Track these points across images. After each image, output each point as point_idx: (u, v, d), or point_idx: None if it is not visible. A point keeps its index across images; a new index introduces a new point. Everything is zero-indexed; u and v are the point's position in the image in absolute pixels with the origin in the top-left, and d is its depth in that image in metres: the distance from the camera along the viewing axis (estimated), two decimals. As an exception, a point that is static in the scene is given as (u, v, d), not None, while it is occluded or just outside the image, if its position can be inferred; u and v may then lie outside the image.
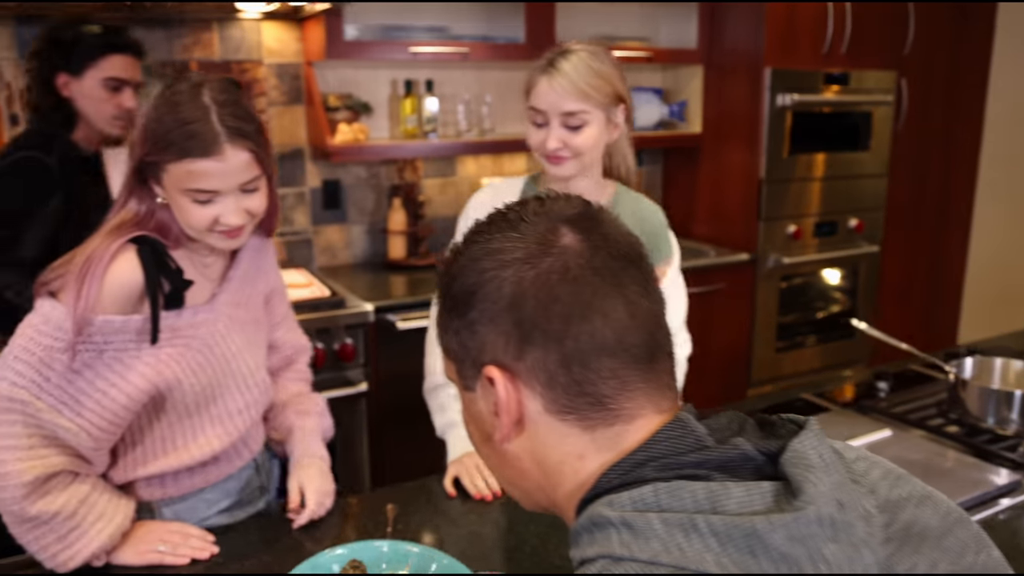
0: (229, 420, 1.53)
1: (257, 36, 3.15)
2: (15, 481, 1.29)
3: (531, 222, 0.77)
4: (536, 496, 0.82)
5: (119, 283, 1.34)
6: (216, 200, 1.35)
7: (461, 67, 3.51)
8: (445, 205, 3.64)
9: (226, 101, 1.34)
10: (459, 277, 0.78)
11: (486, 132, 3.53)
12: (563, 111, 1.61)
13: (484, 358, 0.76)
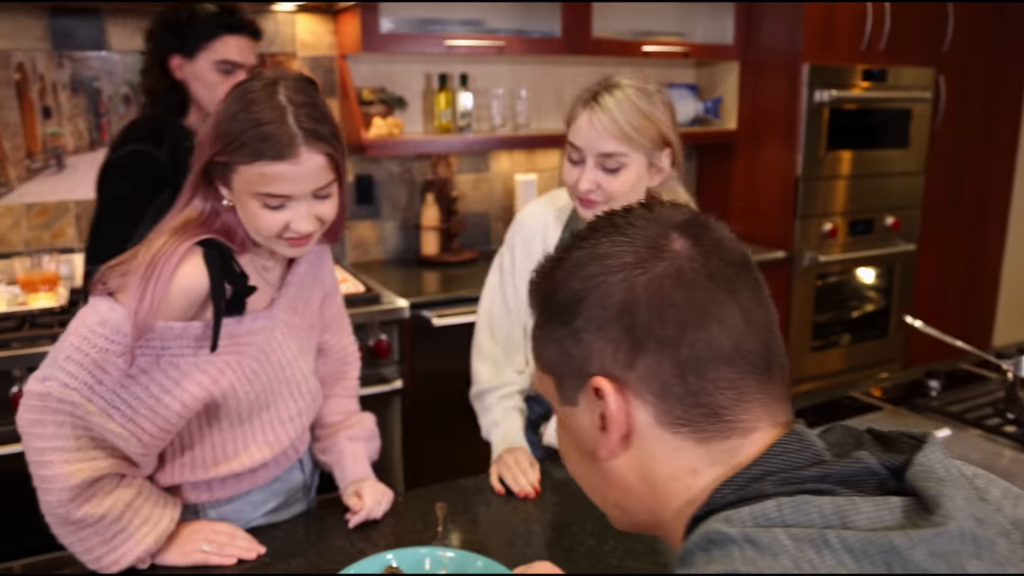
0: (281, 427, 1.48)
1: (291, 29, 3.12)
2: (62, 484, 1.25)
3: (640, 227, 0.73)
4: (639, 516, 0.78)
5: (184, 288, 1.27)
6: (287, 205, 1.28)
7: (496, 61, 3.48)
8: (478, 201, 3.61)
9: (303, 101, 1.26)
10: (562, 285, 0.74)
11: (520, 127, 3.49)
12: (600, 151, 1.50)
13: (591, 368, 0.72)
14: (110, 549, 1.30)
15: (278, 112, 1.23)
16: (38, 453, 1.26)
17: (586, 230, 0.77)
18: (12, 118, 2.82)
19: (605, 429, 0.73)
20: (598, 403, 0.72)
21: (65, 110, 2.88)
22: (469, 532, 1.46)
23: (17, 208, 2.87)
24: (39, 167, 2.88)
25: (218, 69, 2.09)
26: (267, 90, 1.25)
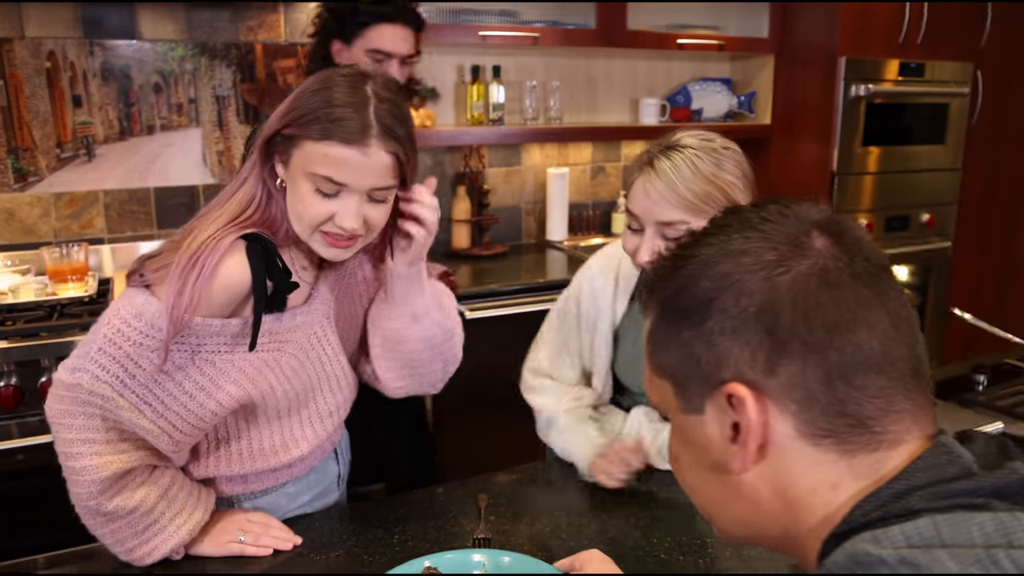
0: (319, 423, 1.44)
1: (322, 19, 3.09)
2: (92, 476, 1.21)
3: (777, 223, 0.68)
4: (767, 530, 0.71)
5: (226, 284, 1.21)
6: (339, 196, 1.21)
7: (528, 54, 3.44)
8: (510, 195, 3.57)
9: (388, 98, 1.22)
10: (691, 284, 0.68)
11: (553, 120, 3.45)
12: (659, 220, 1.37)
13: (724, 374, 0.66)
14: (142, 541, 1.27)
15: (361, 99, 1.19)
16: (67, 444, 1.22)
17: (712, 226, 0.71)
18: (42, 107, 2.80)
19: (736, 441, 0.67)
20: (730, 412, 0.67)
21: (95, 99, 2.86)
22: (511, 524, 1.42)
23: (46, 198, 2.85)
24: (69, 156, 2.86)
25: (370, 57, 2.06)
26: (356, 79, 1.22)
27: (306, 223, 1.24)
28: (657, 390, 0.74)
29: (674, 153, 1.36)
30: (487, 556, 1.27)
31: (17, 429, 2.25)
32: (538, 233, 3.66)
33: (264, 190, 1.26)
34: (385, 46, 2.05)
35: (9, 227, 2.83)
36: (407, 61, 2.11)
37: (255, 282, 1.21)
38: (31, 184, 2.83)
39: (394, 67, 2.08)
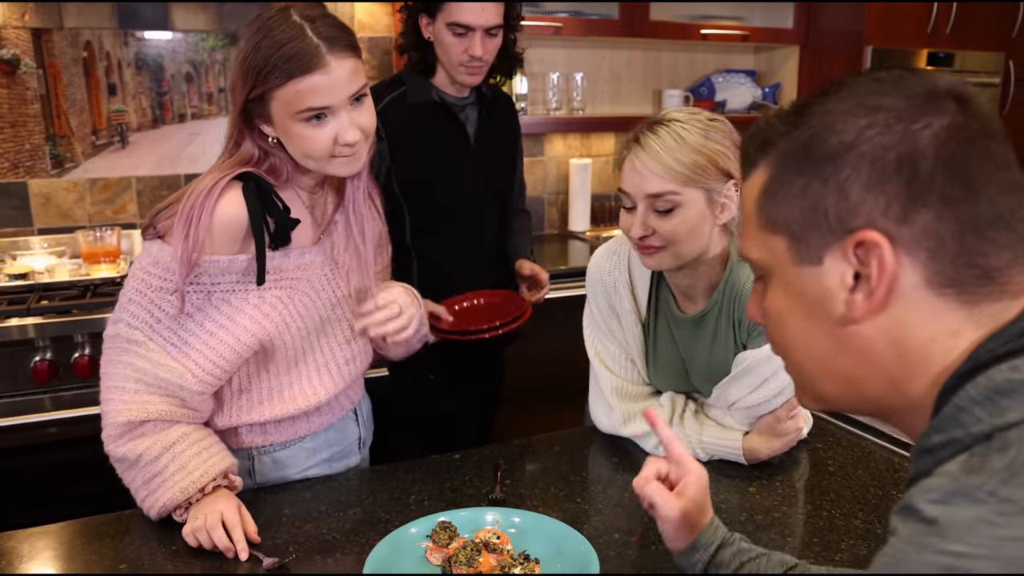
0: (336, 370, 1.48)
1: (350, 10, 3.14)
2: (111, 420, 1.31)
3: (909, 82, 0.68)
4: (870, 385, 0.72)
5: (225, 221, 1.29)
6: (329, 118, 1.29)
7: (552, 44, 3.47)
8: (532, 185, 3.59)
9: (317, 15, 1.29)
10: (822, 134, 0.68)
11: (575, 111, 3.48)
12: (647, 193, 1.38)
13: (855, 222, 0.67)
14: (149, 492, 1.31)
15: (296, 29, 1.25)
16: (105, 391, 1.32)
17: (840, 84, 0.71)
18: (79, 95, 2.88)
19: (856, 290, 0.68)
20: (854, 261, 0.68)
21: (130, 88, 2.93)
22: (527, 488, 1.44)
23: (82, 183, 2.93)
24: (103, 143, 2.94)
25: (451, 31, 1.98)
26: (281, 15, 1.27)
27: (317, 155, 1.31)
28: (764, 247, 0.74)
29: (659, 127, 1.38)
30: (499, 514, 1.29)
31: (51, 403, 2.32)
32: (560, 224, 3.68)
33: (256, 150, 1.34)
34: (466, 19, 1.96)
35: (47, 211, 2.91)
36: (493, 32, 2.00)
37: (252, 218, 1.29)
38: (67, 170, 2.91)
39: (477, 40, 1.97)
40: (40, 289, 2.49)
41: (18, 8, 2.76)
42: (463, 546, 1.17)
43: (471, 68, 2.01)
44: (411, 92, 2.08)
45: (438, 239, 2.16)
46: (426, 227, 2.15)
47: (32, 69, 2.82)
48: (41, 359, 2.32)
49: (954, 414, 0.63)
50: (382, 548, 1.19)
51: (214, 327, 1.32)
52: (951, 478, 0.58)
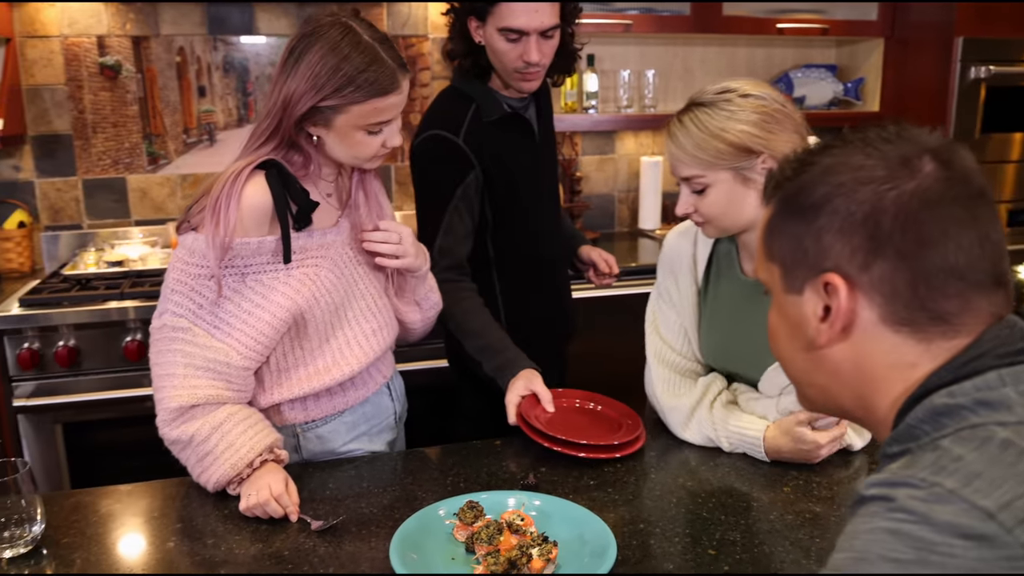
0: (365, 341, 1.59)
1: (423, 11, 3.25)
2: (164, 406, 1.43)
3: (894, 143, 0.78)
4: (842, 399, 0.85)
5: (251, 205, 1.41)
6: (384, 127, 1.48)
7: (623, 42, 3.49)
8: (603, 182, 3.64)
9: (381, 37, 1.45)
10: (810, 186, 0.80)
11: (647, 108, 3.49)
12: (681, 176, 1.51)
13: (826, 264, 0.79)
14: (202, 470, 1.43)
15: (373, 53, 1.42)
16: (156, 380, 1.46)
17: (840, 140, 0.82)
18: (172, 97, 3.08)
19: (826, 320, 0.80)
20: (824, 296, 0.80)
21: (218, 89, 3.12)
22: (560, 475, 1.50)
23: (173, 179, 3.13)
24: (193, 141, 3.13)
25: (503, 36, 1.83)
26: (351, 36, 1.42)
27: (365, 156, 1.50)
28: (767, 271, 0.87)
29: (685, 116, 1.48)
30: (527, 498, 1.36)
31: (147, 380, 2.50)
32: (630, 221, 3.70)
33: (285, 146, 1.47)
34: (517, 23, 1.81)
35: (143, 204, 3.12)
36: (549, 35, 1.85)
37: (276, 201, 1.42)
38: (161, 166, 3.11)
39: (532, 44, 1.83)
40: (134, 276, 2.69)
41: (121, 18, 2.97)
42: (486, 525, 1.25)
43: (527, 75, 1.88)
44: (484, 110, 1.94)
45: (517, 251, 2.08)
46: (507, 243, 2.05)
47: (132, 74, 3.03)
48: (132, 339, 2.51)
49: (907, 430, 0.75)
50: (411, 523, 1.28)
51: (251, 306, 1.45)
52: (891, 472, 0.71)
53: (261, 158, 1.45)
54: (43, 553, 1.27)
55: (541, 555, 1.16)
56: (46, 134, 3.02)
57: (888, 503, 0.67)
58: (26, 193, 3.04)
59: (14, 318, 2.44)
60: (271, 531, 1.33)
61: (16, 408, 2.47)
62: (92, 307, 2.49)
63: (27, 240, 2.98)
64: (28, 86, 2.97)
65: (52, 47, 2.96)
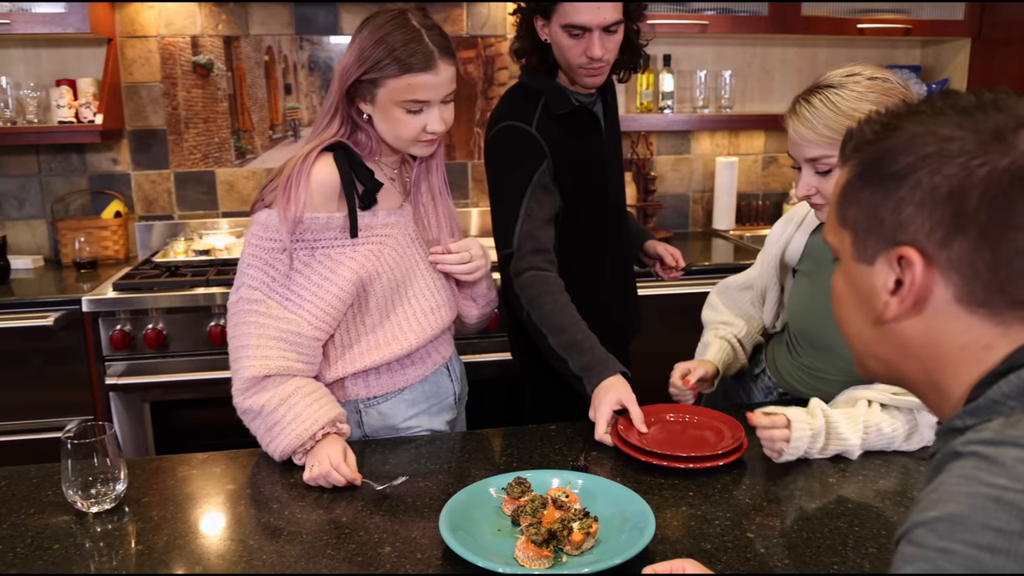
0: (424, 318, 1.66)
1: (502, 13, 3.32)
2: (239, 376, 1.52)
3: (989, 114, 0.73)
4: (907, 373, 0.82)
5: (320, 183, 1.51)
6: (424, 110, 1.54)
7: (700, 42, 3.50)
8: (677, 182, 3.64)
9: (431, 24, 1.54)
10: (892, 152, 0.76)
11: (723, 109, 3.49)
12: (806, 158, 1.50)
13: (902, 237, 0.75)
14: (271, 439, 1.51)
15: (416, 33, 1.51)
16: (232, 351, 1.56)
17: (928, 105, 0.76)
18: (260, 94, 3.22)
19: (896, 293, 0.77)
20: (897, 269, 0.76)
21: (303, 87, 3.25)
22: (610, 460, 1.54)
23: (259, 172, 3.28)
24: (279, 137, 3.27)
25: (567, 32, 1.87)
26: (400, 18, 1.52)
27: (406, 138, 1.57)
28: (837, 236, 0.84)
29: (814, 96, 1.48)
30: (570, 476, 1.41)
31: (229, 364, 2.64)
32: (705, 222, 3.71)
33: (347, 126, 1.58)
34: (580, 19, 1.84)
35: (230, 197, 3.27)
36: (612, 30, 1.88)
37: (343, 178, 1.52)
38: (248, 161, 3.26)
39: (595, 40, 1.86)
40: (219, 264, 2.83)
41: (213, 19, 3.13)
42: (531, 499, 1.30)
43: (591, 70, 1.91)
44: (553, 104, 1.98)
45: (579, 244, 2.11)
46: (569, 235, 2.08)
47: (223, 72, 3.18)
48: (216, 324, 2.64)
49: (988, 404, 0.72)
50: (461, 496, 1.33)
51: (320, 279, 1.54)
52: (994, 431, 0.68)
53: (329, 140, 1.54)
54: (125, 510, 1.37)
55: (581, 528, 1.21)
56: (142, 129, 3.19)
57: (990, 464, 0.64)
58: (122, 185, 3.22)
59: (108, 301, 2.60)
60: (332, 499, 1.40)
61: (108, 386, 2.63)
62: (180, 292, 2.64)
63: (122, 229, 3.16)
64: (127, 83, 3.15)
65: (149, 47, 3.13)
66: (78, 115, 3.00)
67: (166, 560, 1.22)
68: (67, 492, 1.34)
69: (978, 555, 0.61)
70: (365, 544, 1.25)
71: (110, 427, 1.37)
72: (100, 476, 1.35)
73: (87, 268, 3.01)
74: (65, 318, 2.62)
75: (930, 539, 0.64)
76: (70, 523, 1.33)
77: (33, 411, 2.65)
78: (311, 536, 1.28)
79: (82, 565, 1.21)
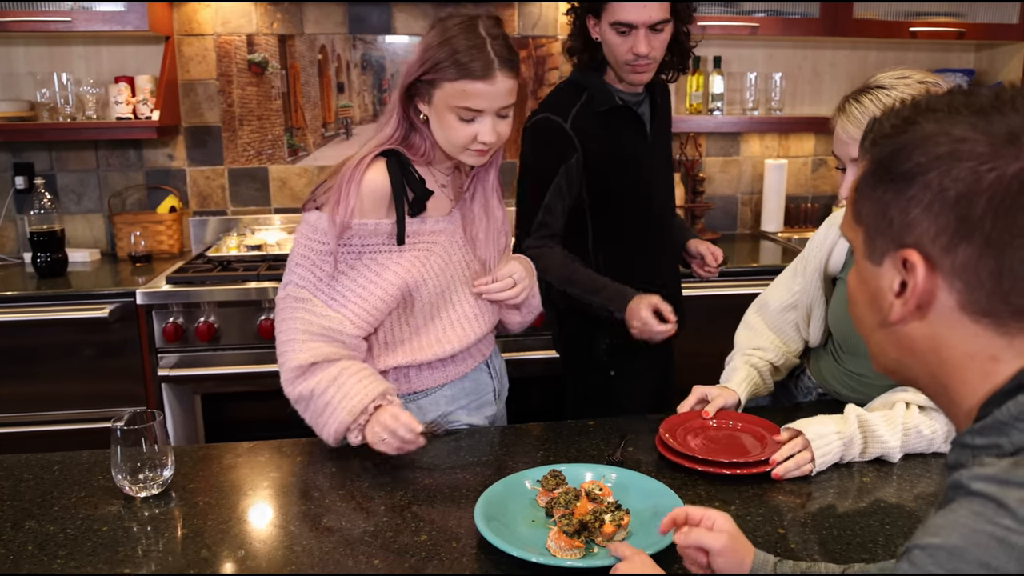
0: (468, 323, 1.69)
1: (554, 13, 3.34)
2: (289, 365, 1.55)
3: (1005, 115, 0.70)
4: (917, 376, 0.81)
5: (371, 189, 1.53)
6: (477, 119, 1.53)
7: (750, 44, 3.48)
8: (726, 184, 3.63)
9: (497, 34, 1.53)
10: (905, 151, 0.74)
11: (773, 111, 3.46)
12: (852, 157, 1.48)
13: (907, 239, 0.74)
14: (324, 422, 1.53)
15: (480, 41, 1.50)
16: (280, 345, 1.59)
17: (946, 99, 0.74)
18: (313, 92, 3.28)
19: (900, 296, 0.76)
20: (902, 272, 0.75)
21: (355, 86, 3.30)
22: (644, 455, 1.55)
23: (311, 170, 3.34)
24: (331, 135, 3.33)
25: (614, 30, 1.99)
26: (469, 23, 1.52)
27: (456, 145, 1.56)
28: (852, 232, 0.82)
29: (864, 95, 1.47)
30: (604, 470, 1.42)
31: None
32: (753, 224, 3.68)
33: (404, 125, 1.59)
34: (627, 18, 1.96)
35: (282, 193, 3.34)
36: (658, 28, 1.98)
37: (394, 185, 1.54)
38: (300, 158, 3.32)
39: (641, 37, 1.97)
40: (271, 259, 2.89)
41: (269, 17, 3.19)
42: (565, 491, 1.31)
43: (637, 67, 2.01)
44: (596, 100, 2.08)
45: (621, 240, 2.18)
46: (609, 231, 2.17)
47: (277, 70, 3.24)
48: (266, 318, 2.70)
49: (997, 425, 0.71)
50: (497, 487, 1.36)
51: (365, 282, 1.57)
52: (1003, 470, 0.66)
53: (384, 146, 1.57)
54: (172, 495, 1.41)
55: (613, 520, 1.22)
56: (198, 125, 3.27)
57: (998, 507, 0.64)
58: (178, 180, 3.31)
59: (162, 294, 2.68)
60: (370, 488, 1.43)
61: (161, 377, 2.70)
62: (232, 287, 2.69)
63: (177, 224, 3.24)
64: (183, 81, 3.23)
65: (206, 45, 3.21)
66: (136, 111, 3.09)
67: (210, 544, 1.26)
68: (116, 477, 1.39)
69: None
70: (402, 532, 1.28)
71: (159, 414, 1.42)
72: (148, 462, 1.40)
73: (142, 262, 3.09)
74: (120, 310, 2.70)
75: (927, 564, 0.65)
76: (119, 507, 1.37)
77: (88, 401, 2.73)
78: (349, 524, 1.32)
79: (129, 548, 1.25)
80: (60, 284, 2.81)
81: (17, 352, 2.69)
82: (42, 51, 3.15)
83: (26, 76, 3.15)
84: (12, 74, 3.15)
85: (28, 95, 3.14)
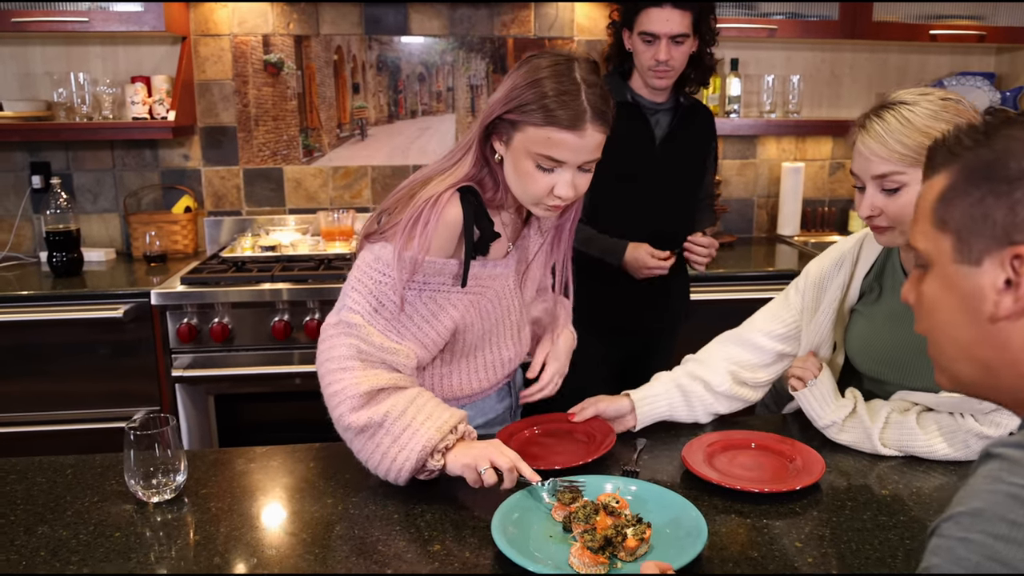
0: (501, 367, 1.68)
1: (570, 14, 3.32)
2: (351, 392, 1.40)
3: None
4: (1003, 378, 0.83)
5: (447, 224, 1.44)
6: (556, 170, 1.41)
7: (768, 47, 3.45)
8: (742, 187, 3.60)
9: (594, 82, 1.40)
10: (1005, 156, 0.79)
11: (791, 113, 3.44)
12: (873, 174, 1.43)
13: (1018, 236, 0.77)
14: (401, 445, 1.38)
15: (574, 87, 1.37)
16: (330, 374, 1.45)
17: (1013, 114, 0.81)
18: (328, 93, 3.28)
19: (1004, 293, 0.79)
20: (1009, 269, 0.78)
21: (370, 87, 3.30)
22: (661, 464, 1.54)
23: (326, 170, 3.33)
24: (346, 136, 3.32)
25: (642, 39, 2.27)
26: (565, 65, 1.40)
27: (529, 194, 1.45)
28: (932, 241, 0.85)
29: (886, 111, 1.43)
30: (620, 482, 1.41)
31: (298, 356, 2.71)
32: (769, 227, 3.66)
33: (479, 164, 1.49)
34: (653, 28, 2.23)
35: (297, 193, 3.34)
36: (679, 40, 2.24)
37: (465, 224, 1.45)
38: (315, 158, 3.32)
39: (662, 47, 2.23)
40: (285, 260, 2.89)
41: (285, 18, 3.19)
42: (583, 505, 1.30)
43: (658, 72, 2.28)
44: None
45: (610, 233, 2.35)
46: (601, 223, 2.34)
47: (292, 71, 3.24)
48: (279, 319, 2.70)
49: None
50: (512, 500, 1.34)
51: (420, 320, 1.50)
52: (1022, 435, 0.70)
53: (461, 183, 1.47)
54: (184, 501, 1.41)
55: (635, 535, 1.21)
56: (213, 126, 3.28)
57: (1012, 465, 0.68)
58: (193, 180, 3.31)
59: (176, 295, 2.68)
60: (385, 496, 1.42)
61: (175, 378, 2.71)
62: (246, 287, 2.69)
63: (192, 224, 3.24)
64: (199, 81, 3.24)
65: (222, 45, 3.21)
66: (152, 111, 3.10)
67: (222, 551, 1.25)
68: (129, 482, 1.38)
69: (993, 543, 0.66)
70: (415, 541, 1.27)
71: (172, 419, 1.41)
72: (161, 467, 1.39)
73: (157, 261, 3.10)
74: (134, 310, 2.70)
75: (953, 530, 0.69)
76: (131, 512, 1.37)
77: (101, 401, 2.74)
78: (362, 531, 1.30)
79: (142, 554, 1.24)
80: (75, 284, 2.82)
81: (32, 351, 2.70)
82: (59, 51, 3.16)
83: (43, 76, 3.16)
84: (29, 74, 3.17)
85: (45, 95, 3.16)
